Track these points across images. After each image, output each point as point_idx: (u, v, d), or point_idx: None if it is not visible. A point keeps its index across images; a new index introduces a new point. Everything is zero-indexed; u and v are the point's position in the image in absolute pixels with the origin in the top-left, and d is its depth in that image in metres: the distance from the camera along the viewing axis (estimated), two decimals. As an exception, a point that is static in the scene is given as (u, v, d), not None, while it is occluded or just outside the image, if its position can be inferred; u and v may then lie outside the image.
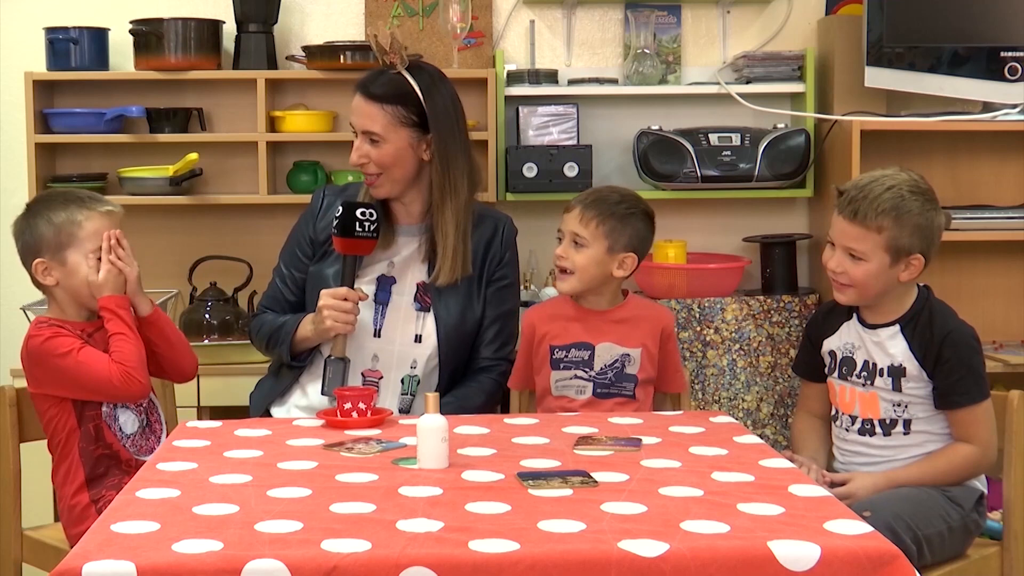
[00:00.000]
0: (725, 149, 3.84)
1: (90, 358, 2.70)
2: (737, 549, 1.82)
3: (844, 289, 2.73)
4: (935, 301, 2.75)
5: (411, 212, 3.04)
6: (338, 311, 2.86)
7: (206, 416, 3.53)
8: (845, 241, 2.69)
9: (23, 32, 3.99)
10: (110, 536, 1.87)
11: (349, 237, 2.88)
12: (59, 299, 2.80)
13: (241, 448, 2.43)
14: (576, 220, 2.87)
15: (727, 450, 2.40)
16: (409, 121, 2.95)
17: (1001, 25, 3.80)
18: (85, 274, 2.75)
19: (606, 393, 2.88)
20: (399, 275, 3.02)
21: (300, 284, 3.08)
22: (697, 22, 4.11)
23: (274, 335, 3.02)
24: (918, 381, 2.69)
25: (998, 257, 3.97)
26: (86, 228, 2.76)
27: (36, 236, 2.76)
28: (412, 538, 1.85)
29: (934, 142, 3.92)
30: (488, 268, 3.06)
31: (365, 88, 2.97)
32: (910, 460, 2.72)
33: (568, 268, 2.88)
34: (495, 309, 3.06)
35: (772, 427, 3.78)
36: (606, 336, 2.89)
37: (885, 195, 2.65)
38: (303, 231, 3.10)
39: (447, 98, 3.00)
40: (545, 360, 2.92)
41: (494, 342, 3.06)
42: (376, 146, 2.94)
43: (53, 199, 2.81)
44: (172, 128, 3.88)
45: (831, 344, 2.83)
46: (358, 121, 2.97)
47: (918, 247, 2.67)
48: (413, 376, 2.99)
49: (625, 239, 2.86)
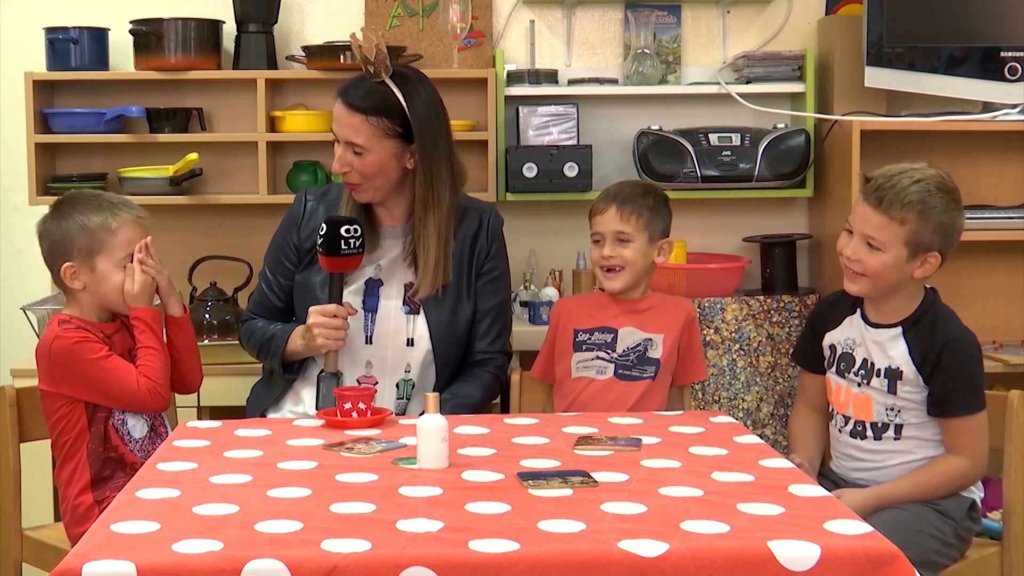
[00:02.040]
0: (725, 149, 3.84)
1: (118, 367, 2.72)
2: (737, 549, 1.82)
3: (856, 278, 2.70)
4: (941, 306, 2.73)
5: (394, 215, 3.03)
6: (328, 328, 2.84)
7: (206, 416, 3.52)
8: (866, 229, 2.66)
9: (23, 32, 3.99)
10: (110, 536, 1.87)
11: (335, 256, 2.85)
12: (82, 302, 2.79)
13: (241, 448, 2.43)
14: (616, 218, 2.90)
15: (727, 450, 2.40)
16: (393, 132, 2.92)
17: (1001, 25, 3.80)
18: (115, 282, 2.75)
19: (628, 375, 2.90)
20: (386, 277, 3.00)
21: (287, 291, 3.07)
22: (697, 22, 4.11)
23: (264, 346, 3.01)
24: (914, 386, 2.67)
25: (998, 257, 3.96)
26: (119, 236, 2.76)
27: (67, 239, 2.75)
28: (412, 538, 1.85)
29: (934, 142, 3.92)
30: (476, 261, 3.04)
31: (348, 97, 2.92)
32: (899, 466, 2.70)
33: (617, 266, 2.91)
34: (487, 302, 3.05)
35: (772, 427, 3.78)
36: (630, 322, 2.93)
37: (912, 188, 2.63)
38: (287, 238, 3.07)
39: (429, 104, 2.96)
40: (568, 344, 2.94)
41: (488, 335, 3.05)
42: (359, 157, 2.91)
43: (85, 202, 2.79)
44: (172, 128, 3.88)
45: (832, 337, 2.82)
46: (341, 131, 2.93)
47: (937, 245, 2.65)
48: (408, 380, 2.98)
49: (661, 226, 2.95)
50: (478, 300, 3.04)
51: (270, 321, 3.05)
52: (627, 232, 2.90)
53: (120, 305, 2.79)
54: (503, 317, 3.09)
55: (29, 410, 2.86)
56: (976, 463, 2.66)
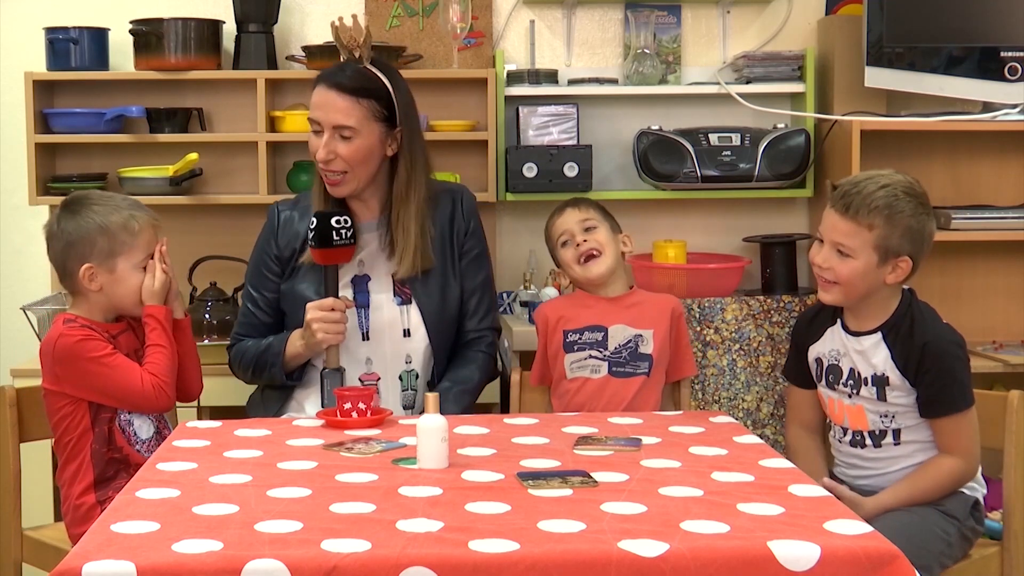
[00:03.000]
0: (725, 149, 3.84)
1: (122, 365, 2.71)
2: (737, 549, 1.82)
3: (829, 287, 2.70)
4: (917, 306, 2.71)
5: (371, 208, 3.02)
6: (327, 322, 2.83)
7: (206, 416, 3.52)
8: (835, 236, 2.67)
9: (23, 32, 3.99)
10: (110, 536, 1.87)
11: (328, 247, 2.85)
12: (92, 302, 2.77)
13: (241, 448, 2.43)
14: (577, 214, 2.99)
15: (727, 450, 2.40)
16: (380, 115, 2.91)
17: (1001, 25, 3.80)
18: (132, 284, 2.75)
19: (622, 372, 2.91)
20: (371, 271, 3.00)
21: (274, 305, 3.05)
22: (697, 22, 4.11)
23: (261, 358, 2.98)
24: (902, 390, 2.66)
25: (998, 257, 3.96)
26: (141, 238, 2.76)
27: (86, 240, 2.73)
28: (412, 538, 1.85)
29: (934, 142, 3.92)
30: (456, 242, 3.05)
31: (335, 81, 2.91)
32: (903, 471, 2.69)
33: (595, 251, 2.95)
34: (472, 280, 3.05)
35: (772, 427, 3.78)
36: (619, 319, 2.94)
37: (879, 193, 2.63)
38: (266, 251, 3.06)
39: (407, 90, 2.99)
40: (559, 345, 2.95)
41: (477, 312, 3.05)
42: (347, 142, 2.89)
43: (101, 203, 2.77)
44: (172, 128, 3.88)
45: (816, 351, 2.80)
46: (328, 116, 2.89)
47: (907, 249, 2.64)
48: (410, 371, 2.99)
49: (614, 222, 3.03)
50: (464, 280, 3.04)
51: (260, 339, 3.04)
52: (591, 220, 2.97)
53: (133, 307, 2.78)
54: (489, 293, 3.09)
55: (29, 410, 2.86)
56: (968, 461, 2.66)
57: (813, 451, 2.85)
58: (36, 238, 4.01)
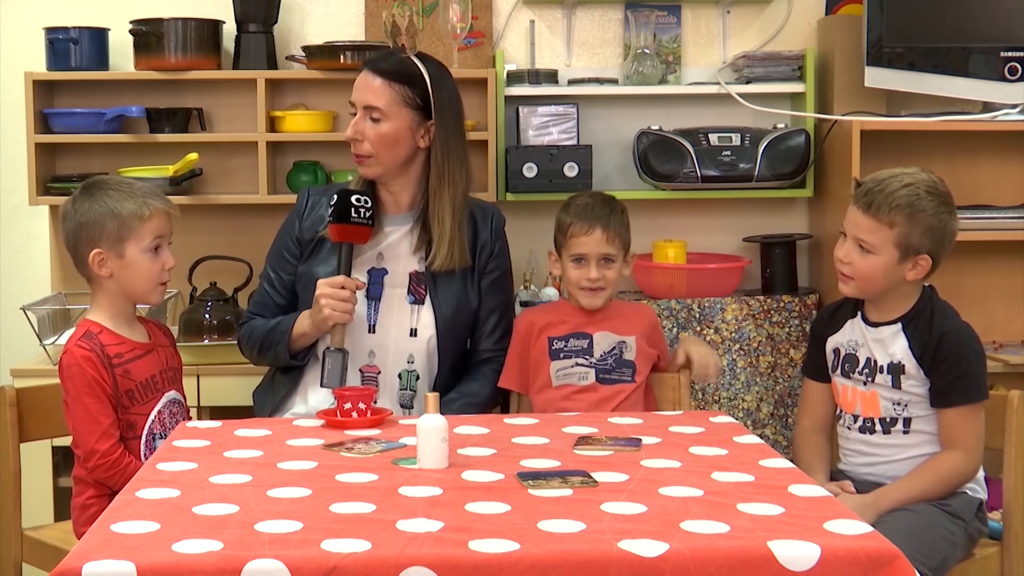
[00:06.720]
0: (725, 149, 3.84)
1: (89, 413, 2.66)
2: (737, 549, 1.82)
3: (847, 280, 2.75)
4: (938, 301, 2.75)
5: (399, 201, 3.03)
6: (336, 299, 2.83)
7: (206, 416, 3.52)
8: (857, 232, 2.71)
9: (23, 32, 4.00)
10: (110, 536, 1.87)
11: (344, 223, 2.86)
12: (108, 290, 2.76)
13: (241, 448, 2.43)
14: (603, 241, 2.92)
15: (727, 450, 2.40)
16: (413, 103, 2.94)
17: (1001, 25, 3.80)
18: (141, 269, 2.73)
19: (608, 379, 2.92)
20: (390, 266, 3.00)
21: (289, 286, 3.06)
22: (697, 22, 4.11)
23: (268, 336, 2.99)
24: (916, 379, 2.69)
25: (998, 257, 3.97)
26: (149, 224, 2.74)
27: (96, 224, 2.72)
28: (412, 538, 1.85)
29: (934, 142, 3.92)
30: (480, 260, 3.05)
31: (374, 64, 2.96)
32: (908, 460, 2.71)
33: (600, 287, 2.93)
34: (492, 300, 3.06)
35: (772, 427, 3.78)
36: (602, 327, 2.96)
37: (901, 191, 2.66)
38: (289, 232, 3.08)
39: (452, 92, 3.01)
40: (544, 352, 2.96)
41: (494, 333, 3.06)
42: (376, 124, 2.92)
43: (118, 188, 2.77)
44: (172, 128, 3.88)
45: (835, 341, 2.83)
46: (361, 96, 2.94)
47: (927, 247, 2.67)
48: (411, 371, 2.99)
49: (627, 244, 2.99)
50: (483, 297, 3.04)
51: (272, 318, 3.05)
52: (612, 253, 2.94)
53: (145, 295, 2.77)
54: (508, 315, 3.10)
55: (29, 410, 2.86)
56: (971, 457, 2.67)
57: (818, 451, 2.85)
58: (36, 238, 4.03)
